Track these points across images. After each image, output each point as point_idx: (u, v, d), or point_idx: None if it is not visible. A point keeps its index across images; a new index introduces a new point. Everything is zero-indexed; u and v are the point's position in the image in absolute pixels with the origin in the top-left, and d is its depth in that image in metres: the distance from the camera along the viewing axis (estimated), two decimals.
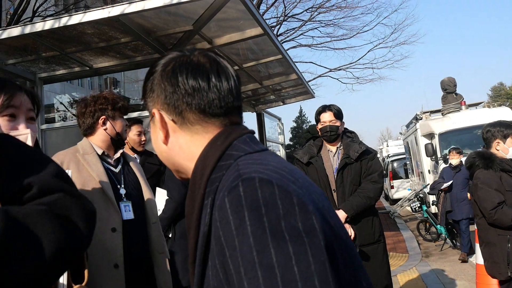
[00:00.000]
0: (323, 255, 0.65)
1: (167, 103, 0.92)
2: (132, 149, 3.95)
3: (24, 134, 1.34)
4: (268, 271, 0.62)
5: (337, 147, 3.60)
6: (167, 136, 0.94)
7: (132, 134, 3.91)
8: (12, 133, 1.31)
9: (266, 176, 0.72)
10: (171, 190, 3.61)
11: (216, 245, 0.73)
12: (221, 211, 0.72)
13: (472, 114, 11.28)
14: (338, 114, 3.60)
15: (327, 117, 3.57)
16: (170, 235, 3.69)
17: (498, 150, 3.09)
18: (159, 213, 3.64)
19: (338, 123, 3.57)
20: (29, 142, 1.34)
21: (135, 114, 5.58)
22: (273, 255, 0.63)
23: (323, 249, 0.65)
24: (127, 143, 3.89)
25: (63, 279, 1.34)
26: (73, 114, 9.33)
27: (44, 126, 5.90)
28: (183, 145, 0.93)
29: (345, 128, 3.72)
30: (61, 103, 9.78)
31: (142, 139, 3.96)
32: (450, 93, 12.30)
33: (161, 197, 3.70)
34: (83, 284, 1.38)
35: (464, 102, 12.21)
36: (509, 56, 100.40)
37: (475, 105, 13.87)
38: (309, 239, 0.65)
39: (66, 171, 1.26)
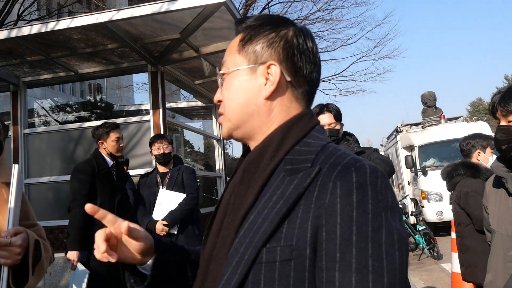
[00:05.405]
0: (407, 254, 0.79)
1: (286, 60, 0.90)
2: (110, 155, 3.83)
3: None
4: (377, 247, 0.74)
5: None
6: (274, 92, 0.91)
7: (111, 141, 3.79)
8: None
9: (383, 171, 0.83)
10: (197, 189, 4.02)
11: (314, 208, 0.77)
12: (345, 181, 0.77)
13: (451, 128, 11.54)
14: (338, 115, 3.14)
15: (326, 119, 3.07)
16: (175, 232, 3.90)
17: (479, 160, 3.16)
18: (165, 213, 3.91)
19: (338, 126, 3.12)
20: None
21: (120, 120, 5.59)
22: (383, 235, 0.75)
23: (408, 247, 0.80)
24: (105, 149, 3.83)
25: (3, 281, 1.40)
26: (55, 120, 9.22)
27: (27, 131, 5.85)
28: (282, 107, 0.92)
29: (345, 131, 3.29)
30: (42, 108, 9.66)
31: (120, 145, 3.87)
32: (430, 107, 12.54)
33: (169, 198, 3.93)
34: None
35: (444, 116, 12.47)
36: (488, 73, 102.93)
37: (454, 119, 14.18)
38: (404, 235, 0.79)
39: None
